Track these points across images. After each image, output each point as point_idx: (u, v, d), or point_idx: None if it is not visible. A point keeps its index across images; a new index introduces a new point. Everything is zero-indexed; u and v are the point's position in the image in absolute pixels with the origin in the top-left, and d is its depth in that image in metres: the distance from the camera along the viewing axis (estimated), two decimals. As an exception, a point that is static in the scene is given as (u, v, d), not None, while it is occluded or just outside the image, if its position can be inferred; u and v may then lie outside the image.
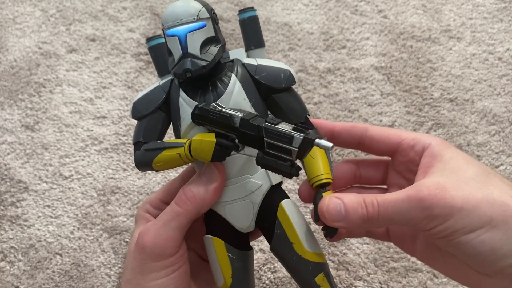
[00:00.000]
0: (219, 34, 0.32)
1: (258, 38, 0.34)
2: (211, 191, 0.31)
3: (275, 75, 0.31)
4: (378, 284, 0.54)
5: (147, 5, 0.92)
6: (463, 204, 0.26)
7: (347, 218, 0.28)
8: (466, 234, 0.27)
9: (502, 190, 0.27)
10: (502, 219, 0.26)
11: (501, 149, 0.66)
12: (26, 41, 0.86)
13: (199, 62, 0.30)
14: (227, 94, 0.31)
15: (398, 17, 0.87)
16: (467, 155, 0.30)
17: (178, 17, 0.30)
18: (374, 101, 0.73)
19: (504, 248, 0.26)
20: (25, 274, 0.57)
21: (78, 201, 0.63)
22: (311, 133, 0.26)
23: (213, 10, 0.31)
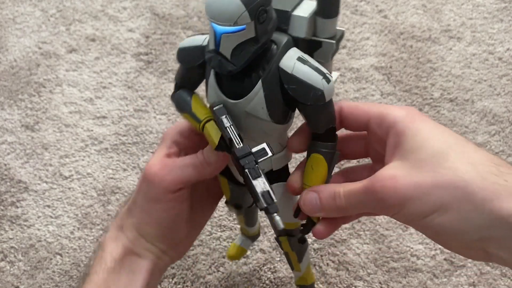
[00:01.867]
0: (262, 32, 0.29)
1: (328, 6, 0.31)
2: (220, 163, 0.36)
3: (304, 91, 0.30)
4: (378, 284, 0.54)
5: (147, 5, 0.92)
6: (413, 192, 0.27)
7: (324, 209, 0.32)
8: (423, 219, 0.28)
9: (455, 168, 0.27)
10: (453, 201, 0.27)
11: (501, 149, 0.66)
12: (26, 41, 0.86)
13: (227, 65, 0.30)
14: (247, 100, 0.31)
15: (398, 17, 0.87)
16: (434, 125, 0.30)
17: (216, 16, 0.28)
18: (374, 101, 0.73)
19: (463, 227, 0.27)
20: (25, 274, 0.57)
21: (78, 201, 0.63)
22: (271, 208, 0.29)
23: (261, 7, 0.28)
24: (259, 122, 0.33)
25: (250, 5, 0.27)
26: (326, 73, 0.30)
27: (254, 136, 0.35)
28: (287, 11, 0.31)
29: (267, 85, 0.31)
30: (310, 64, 0.30)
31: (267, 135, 0.35)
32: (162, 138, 0.38)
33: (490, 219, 0.26)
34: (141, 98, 0.76)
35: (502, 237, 0.26)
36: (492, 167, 0.27)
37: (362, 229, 0.59)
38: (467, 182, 0.26)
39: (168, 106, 0.74)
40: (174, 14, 0.90)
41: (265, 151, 0.31)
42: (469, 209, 0.26)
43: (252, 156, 0.31)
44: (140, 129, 0.71)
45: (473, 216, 0.26)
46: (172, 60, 0.81)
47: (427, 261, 0.56)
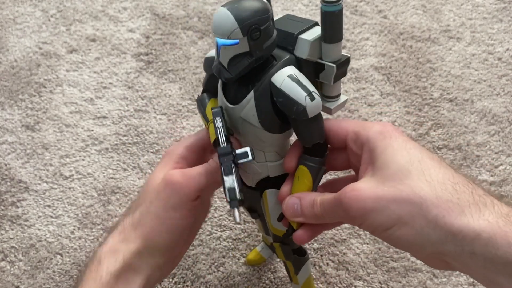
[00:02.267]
0: (256, 48, 0.33)
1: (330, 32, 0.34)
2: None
3: (288, 105, 0.33)
4: (378, 284, 0.55)
5: (147, 5, 0.92)
6: (373, 205, 0.29)
7: (303, 214, 0.34)
8: (384, 231, 0.30)
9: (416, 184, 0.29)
10: (409, 216, 0.29)
11: (500, 149, 0.66)
12: (26, 41, 0.86)
13: (224, 73, 0.34)
14: (241, 106, 0.35)
15: (398, 17, 0.87)
16: (403, 141, 0.32)
17: (215, 30, 0.32)
18: (374, 101, 0.73)
19: (419, 241, 0.29)
20: (26, 274, 0.57)
21: (79, 201, 0.63)
22: (232, 203, 0.34)
23: (253, 26, 0.32)
24: (252, 128, 0.36)
25: (242, 23, 0.31)
26: (313, 91, 0.33)
27: (251, 141, 0.38)
28: (293, 34, 0.35)
29: (258, 95, 0.34)
30: (298, 82, 0.33)
31: (262, 142, 0.37)
32: (166, 154, 0.39)
33: (443, 234, 0.28)
34: (142, 98, 0.76)
35: (454, 252, 0.28)
36: (448, 185, 0.29)
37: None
38: (422, 199, 0.28)
39: (168, 106, 0.74)
40: (174, 14, 0.90)
41: (246, 154, 0.35)
42: (423, 224, 0.28)
43: (231, 156, 0.35)
44: (141, 129, 0.71)
45: (427, 231, 0.28)
46: (172, 60, 0.81)
47: (427, 260, 0.56)
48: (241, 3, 0.32)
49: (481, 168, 0.64)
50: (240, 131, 0.37)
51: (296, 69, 0.34)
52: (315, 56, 0.35)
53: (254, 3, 0.32)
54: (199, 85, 0.77)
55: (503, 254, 0.26)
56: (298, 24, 0.36)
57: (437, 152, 0.66)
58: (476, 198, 0.29)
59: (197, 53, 0.82)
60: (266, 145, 0.38)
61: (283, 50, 0.35)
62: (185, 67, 0.80)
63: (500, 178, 0.63)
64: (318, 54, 0.35)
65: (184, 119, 0.72)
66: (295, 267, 0.49)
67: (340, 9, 0.33)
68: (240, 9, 0.32)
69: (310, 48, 0.34)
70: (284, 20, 0.37)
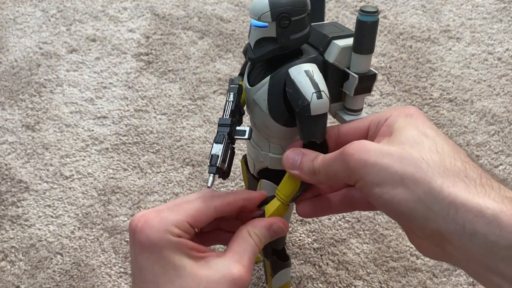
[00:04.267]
0: (282, 36, 0.34)
1: (360, 43, 0.34)
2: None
3: (296, 98, 0.33)
4: (378, 283, 0.55)
5: (147, 5, 0.92)
6: (376, 160, 0.28)
7: (300, 167, 0.33)
8: (382, 193, 0.27)
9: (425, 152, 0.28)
10: (411, 179, 0.27)
11: (500, 149, 0.66)
12: (26, 41, 0.86)
13: (249, 53, 0.35)
14: (256, 88, 0.36)
15: (398, 17, 0.87)
16: (423, 120, 0.31)
17: (250, 9, 0.34)
18: (373, 101, 0.73)
19: (419, 210, 0.27)
20: (26, 273, 0.57)
21: (79, 201, 0.63)
22: (211, 168, 0.34)
23: (284, 14, 0.33)
24: (261, 113, 0.37)
25: (274, 8, 0.33)
26: (323, 91, 0.32)
27: (258, 127, 0.39)
28: (327, 36, 0.35)
29: (273, 81, 0.35)
30: (312, 78, 0.33)
31: (268, 130, 0.38)
32: (160, 249, 0.31)
33: (445, 206, 0.26)
34: (142, 98, 0.76)
35: (454, 232, 0.26)
36: (458, 162, 0.27)
37: (362, 228, 0.59)
38: (429, 166, 0.27)
39: (168, 106, 0.74)
40: (174, 14, 0.90)
41: (244, 132, 0.36)
42: (426, 191, 0.26)
43: (229, 128, 0.35)
44: (141, 129, 0.71)
45: (429, 199, 0.26)
46: (172, 60, 0.81)
47: (427, 260, 0.56)
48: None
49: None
50: (252, 115, 0.38)
51: (318, 69, 0.34)
52: (343, 63, 0.35)
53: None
54: (199, 85, 0.77)
55: (507, 234, 0.24)
56: (338, 30, 0.36)
57: (437, 152, 0.67)
58: (484, 180, 0.27)
59: (197, 53, 0.82)
60: (271, 134, 0.38)
61: (314, 49, 0.36)
62: (185, 67, 0.80)
63: (500, 178, 0.63)
64: (347, 63, 0.35)
65: (184, 119, 0.72)
66: (272, 269, 0.48)
67: (374, 21, 0.33)
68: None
69: (339, 54, 0.34)
70: (328, 25, 0.37)
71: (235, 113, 0.37)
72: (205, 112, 0.73)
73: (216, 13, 0.89)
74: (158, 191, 0.64)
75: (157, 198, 0.63)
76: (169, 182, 0.65)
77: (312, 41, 0.36)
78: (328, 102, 0.33)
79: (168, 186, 0.64)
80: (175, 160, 0.67)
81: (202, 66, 0.80)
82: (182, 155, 0.68)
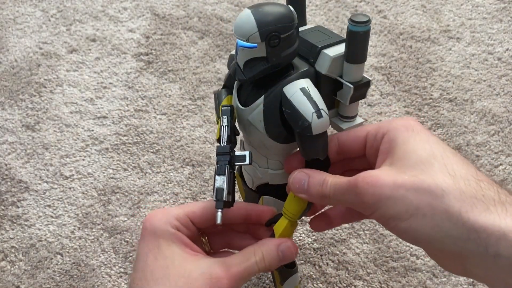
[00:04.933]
0: (273, 55, 0.32)
1: (352, 52, 0.33)
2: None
3: (295, 118, 0.32)
4: (378, 283, 0.55)
5: (147, 5, 0.92)
6: (391, 193, 0.27)
7: (308, 191, 0.32)
8: (399, 222, 0.28)
9: (438, 175, 0.28)
10: (428, 208, 0.27)
11: (500, 149, 0.66)
12: (26, 41, 0.86)
13: (239, 74, 0.34)
14: (250, 109, 0.35)
15: (398, 17, 0.87)
16: (426, 135, 0.30)
17: (236, 31, 0.32)
18: (373, 101, 0.73)
19: (438, 235, 0.27)
20: (26, 273, 0.57)
21: (79, 201, 0.63)
22: (218, 204, 0.33)
23: (273, 33, 0.31)
24: (258, 133, 0.35)
25: (262, 28, 0.31)
26: (322, 109, 0.31)
27: (255, 146, 0.37)
28: (317, 46, 0.34)
29: (268, 102, 0.34)
30: (309, 96, 0.32)
31: (266, 148, 0.37)
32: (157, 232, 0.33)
33: (465, 231, 0.26)
34: (142, 98, 0.76)
35: (477, 253, 0.26)
36: (472, 181, 0.27)
37: (362, 228, 0.59)
38: (444, 192, 0.27)
39: (168, 106, 0.74)
40: (174, 14, 0.90)
41: (244, 158, 0.35)
42: (443, 218, 0.26)
43: (228, 156, 0.34)
44: (141, 129, 0.71)
45: (447, 225, 0.26)
46: (172, 61, 0.81)
47: (427, 260, 0.56)
48: (266, 7, 0.32)
49: (481, 168, 0.64)
50: (246, 134, 0.37)
51: (312, 83, 0.33)
52: (335, 73, 0.34)
53: (279, 10, 0.32)
54: (199, 85, 0.77)
55: None
56: (325, 37, 0.35)
57: (437, 152, 0.67)
58: (502, 197, 0.27)
59: (197, 53, 0.82)
60: (269, 152, 0.37)
61: (304, 61, 0.35)
62: (185, 67, 0.80)
63: (500, 178, 0.63)
64: (339, 72, 0.34)
65: (184, 119, 0.72)
66: (281, 277, 0.48)
67: (366, 31, 0.32)
68: (263, 14, 0.31)
69: (331, 64, 0.33)
70: (313, 31, 0.36)
71: (232, 138, 0.35)
72: (205, 112, 0.73)
73: (216, 13, 0.89)
74: (158, 191, 0.64)
75: (157, 198, 0.63)
76: (169, 182, 0.65)
77: (300, 51, 0.35)
78: (328, 119, 0.32)
79: (168, 186, 0.64)
80: (175, 160, 0.67)
81: (202, 66, 0.80)
82: (182, 155, 0.68)
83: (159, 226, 0.33)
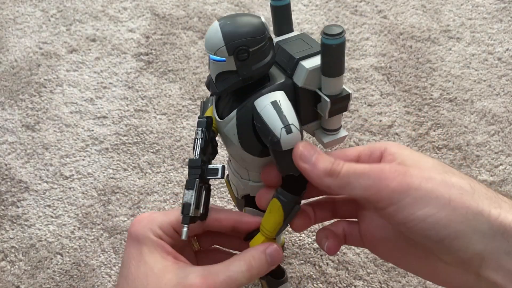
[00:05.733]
0: (243, 69, 0.31)
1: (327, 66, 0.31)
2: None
3: (265, 133, 0.31)
4: (378, 283, 0.55)
5: (147, 5, 0.92)
6: (421, 183, 0.27)
7: (315, 163, 0.30)
8: (425, 216, 0.27)
9: (460, 177, 0.28)
10: (460, 201, 0.26)
11: (500, 149, 0.66)
12: (26, 41, 0.86)
13: (212, 87, 0.33)
14: (224, 122, 0.34)
15: (398, 17, 0.87)
16: (420, 153, 0.31)
17: (205, 43, 0.31)
18: (373, 101, 0.73)
19: (466, 232, 0.26)
20: (26, 273, 0.57)
21: (79, 201, 0.63)
22: (184, 219, 0.32)
23: (241, 47, 0.30)
24: (234, 146, 0.34)
25: (229, 42, 0.30)
26: (292, 124, 0.30)
27: (236, 158, 0.37)
28: (294, 58, 0.32)
29: (241, 115, 0.33)
30: (279, 111, 0.31)
31: (244, 161, 0.36)
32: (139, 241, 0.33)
33: (496, 226, 0.26)
34: (142, 98, 0.76)
35: (503, 251, 0.26)
36: (488, 187, 0.28)
37: (362, 228, 0.59)
38: (474, 189, 0.27)
39: (168, 106, 0.74)
40: (174, 14, 0.90)
41: (216, 172, 0.34)
42: (476, 212, 0.26)
43: (199, 170, 0.33)
44: (141, 129, 0.71)
45: (479, 220, 0.26)
46: (172, 60, 0.81)
47: (427, 260, 0.56)
48: (235, 20, 0.31)
49: (481, 168, 0.64)
50: (226, 146, 0.36)
51: (286, 96, 0.32)
52: (314, 85, 0.33)
53: (249, 22, 0.30)
54: (199, 85, 0.77)
55: None
56: (306, 47, 0.33)
57: (437, 152, 0.66)
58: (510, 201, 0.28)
59: (197, 53, 0.82)
60: (248, 165, 0.37)
61: (282, 72, 0.33)
62: (185, 67, 0.80)
63: (500, 178, 0.63)
64: (317, 84, 0.33)
65: (184, 119, 0.72)
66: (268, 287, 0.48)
67: (339, 43, 0.30)
68: (231, 27, 0.30)
69: (307, 77, 0.32)
70: (296, 39, 0.35)
71: (206, 151, 0.34)
72: (205, 112, 0.73)
73: (216, 13, 0.89)
74: (158, 191, 0.64)
75: (157, 198, 0.63)
76: (169, 182, 0.65)
77: (279, 61, 0.34)
78: (299, 134, 0.31)
79: (168, 186, 0.64)
80: (175, 160, 0.67)
81: (202, 66, 0.80)
82: (182, 155, 0.68)
83: (143, 233, 0.33)
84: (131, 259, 0.32)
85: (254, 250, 0.33)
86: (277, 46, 0.34)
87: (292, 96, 0.32)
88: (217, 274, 0.31)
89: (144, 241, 0.33)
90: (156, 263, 0.32)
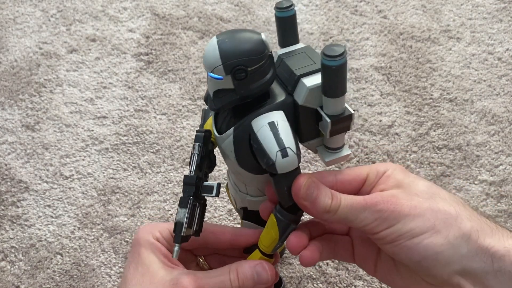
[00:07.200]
0: (240, 88, 0.30)
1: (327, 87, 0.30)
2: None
3: (261, 155, 0.30)
4: (378, 283, 0.55)
5: (147, 5, 0.92)
6: (410, 210, 0.30)
7: (314, 202, 0.31)
8: (411, 238, 0.30)
9: (447, 202, 0.31)
10: (444, 226, 0.29)
11: (500, 149, 0.66)
12: (26, 41, 0.86)
13: (210, 103, 0.32)
14: (222, 138, 0.33)
15: (398, 17, 0.87)
16: (416, 176, 0.34)
17: (203, 60, 0.31)
18: (374, 101, 0.73)
19: (445, 253, 0.29)
20: (26, 273, 0.57)
21: (79, 201, 0.63)
22: (176, 238, 0.32)
23: (238, 66, 0.29)
24: (231, 162, 0.34)
25: (226, 62, 0.29)
26: (288, 147, 0.29)
27: (234, 172, 0.36)
28: (295, 74, 0.31)
29: (238, 133, 0.32)
30: (276, 133, 0.30)
31: (241, 176, 0.36)
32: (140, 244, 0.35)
33: (474, 249, 0.29)
34: (142, 98, 0.76)
35: (481, 269, 0.29)
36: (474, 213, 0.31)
37: (362, 228, 0.59)
38: (458, 213, 0.30)
39: (168, 106, 0.74)
40: (174, 14, 0.90)
41: (211, 190, 0.34)
42: (457, 235, 0.29)
43: (193, 188, 0.33)
44: (141, 129, 0.71)
45: (459, 243, 0.29)
46: (172, 60, 0.81)
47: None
48: (234, 37, 0.29)
49: (481, 168, 0.64)
50: (224, 160, 0.36)
51: (284, 116, 0.31)
52: (315, 103, 0.32)
53: (249, 40, 0.29)
54: (199, 85, 0.77)
55: None
56: (309, 63, 0.32)
57: (437, 152, 0.66)
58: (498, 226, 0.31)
59: (197, 53, 0.82)
60: (246, 180, 0.36)
61: (283, 88, 0.32)
62: (185, 67, 0.80)
63: (500, 178, 0.63)
64: (319, 102, 0.32)
65: (184, 119, 0.72)
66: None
67: (340, 64, 0.28)
68: (229, 45, 0.29)
69: (307, 95, 0.31)
70: (299, 53, 0.33)
71: (202, 167, 0.34)
72: (205, 112, 0.73)
73: (216, 13, 0.89)
74: (158, 191, 0.64)
75: (157, 198, 0.63)
76: (169, 182, 0.65)
77: (281, 75, 0.33)
78: (296, 158, 0.30)
79: (168, 186, 0.64)
80: (175, 160, 0.67)
81: (202, 66, 0.80)
82: (182, 155, 0.68)
83: (142, 236, 0.35)
84: (131, 261, 0.34)
85: (246, 263, 0.34)
86: (280, 59, 0.33)
87: (292, 114, 0.32)
88: (208, 278, 0.33)
89: (143, 243, 0.34)
90: (152, 263, 0.33)
